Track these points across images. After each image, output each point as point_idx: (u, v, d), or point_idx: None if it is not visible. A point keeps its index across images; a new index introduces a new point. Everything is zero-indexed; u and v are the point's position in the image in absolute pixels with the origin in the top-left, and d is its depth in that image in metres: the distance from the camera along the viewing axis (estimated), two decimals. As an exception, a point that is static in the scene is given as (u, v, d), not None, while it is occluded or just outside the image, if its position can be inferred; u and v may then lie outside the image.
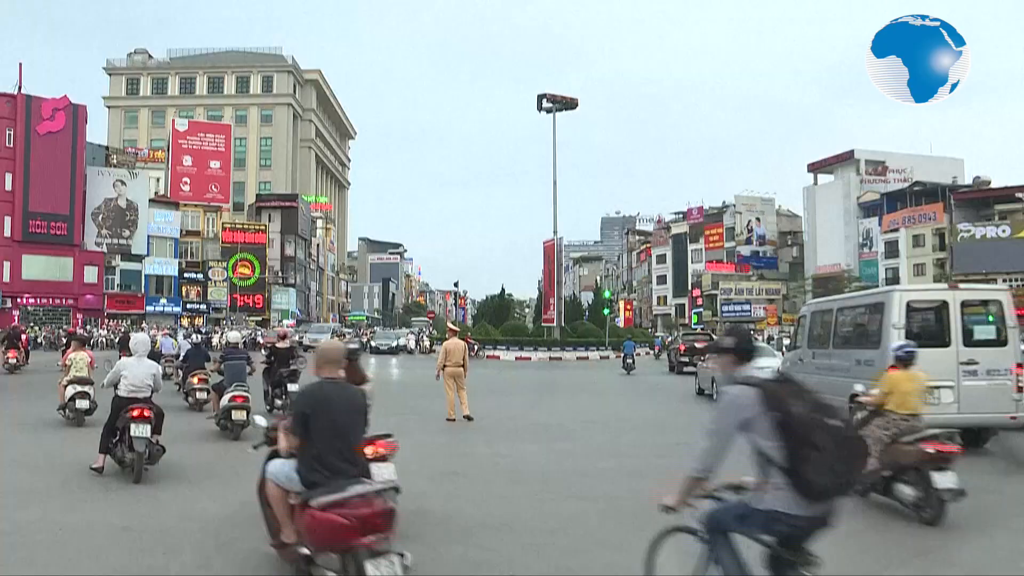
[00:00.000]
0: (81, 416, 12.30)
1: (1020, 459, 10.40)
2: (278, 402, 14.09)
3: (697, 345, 29.57)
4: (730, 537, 3.78)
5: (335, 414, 4.74)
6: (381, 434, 6.59)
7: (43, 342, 42.98)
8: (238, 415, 11.07)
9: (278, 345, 14.89)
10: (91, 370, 12.82)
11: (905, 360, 7.72)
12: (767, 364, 16.85)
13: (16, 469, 8.92)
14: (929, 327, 11.03)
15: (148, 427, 8.25)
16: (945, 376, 10.28)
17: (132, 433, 8.16)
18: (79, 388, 12.34)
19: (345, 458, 4.71)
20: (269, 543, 5.38)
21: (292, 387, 13.72)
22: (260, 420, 6.56)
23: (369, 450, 5.99)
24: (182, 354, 17.70)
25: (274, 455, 5.25)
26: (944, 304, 10.86)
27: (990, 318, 10.97)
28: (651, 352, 47.68)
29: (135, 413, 8.19)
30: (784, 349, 17.48)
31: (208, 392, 13.77)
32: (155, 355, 20.60)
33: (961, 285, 11.86)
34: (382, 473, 5.91)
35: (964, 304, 10.86)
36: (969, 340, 10.61)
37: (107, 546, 5.89)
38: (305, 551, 4.75)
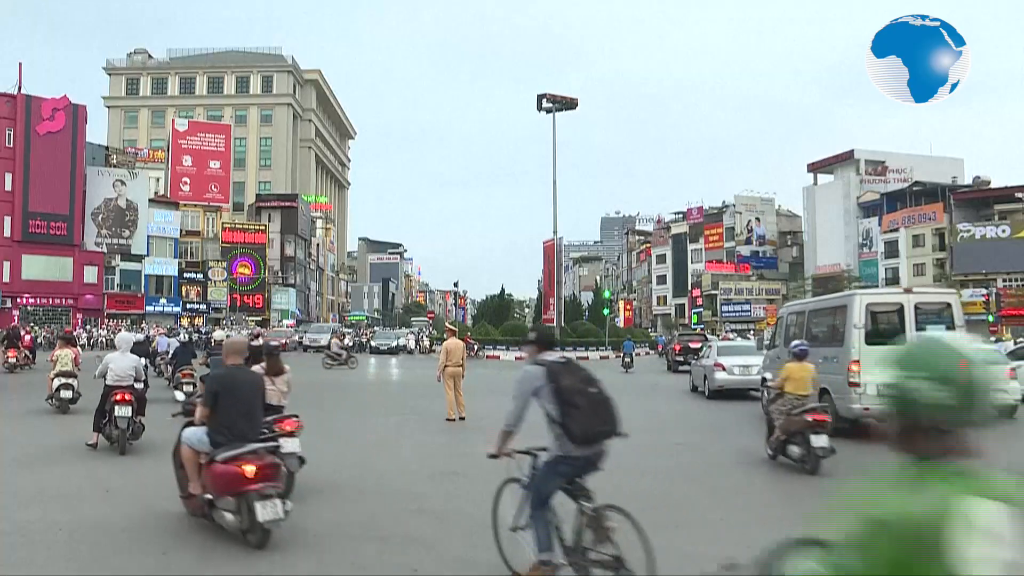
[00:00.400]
0: (66, 404, 13.85)
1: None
2: None
3: (691, 345, 31.06)
4: (549, 506, 4.99)
5: (239, 392, 6.42)
6: (290, 414, 8.05)
7: (43, 342, 42.99)
8: None
9: (251, 343, 16.28)
10: (75, 365, 14.22)
11: (799, 355, 9.87)
12: (752, 362, 18.15)
13: (16, 468, 8.94)
14: (888, 326, 12.42)
15: (130, 409, 10.11)
16: None
17: (116, 414, 9.99)
18: (63, 380, 13.92)
19: (246, 426, 6.32)
20: (179, 495, 6.62)
21: None
22: (178, 395, 8.72)
23: (279, 427, 7.67)
24: (171, 351, 19.46)
25: (189, 424, 6.69)
26: (900, 306, 12.50)
27: (942, 318, 12.44)
28: (651, 352, 47.80)
29: (118, 398, 10.04)
30: (764, 348, 18.95)
31: (194, 386, 15.10)
32: (153, 352, 21.52)
33: (915, 289, 14.26)
34: (288, 447, 7.29)
35: (918, 306, 12.48)
36: None
37: (107, 546, 5.89)
38: (208, 497, 6.14)
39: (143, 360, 11.37)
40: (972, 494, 1.53)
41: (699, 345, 28.70)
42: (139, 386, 10.57)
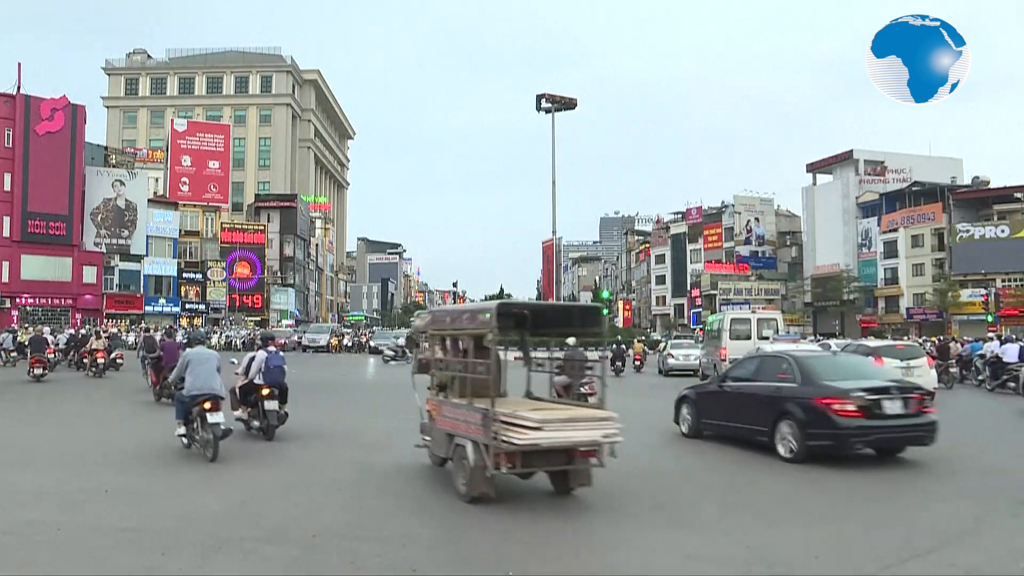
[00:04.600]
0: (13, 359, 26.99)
1: None
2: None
3: None
4: None
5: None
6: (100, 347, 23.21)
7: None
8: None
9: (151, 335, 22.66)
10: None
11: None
12: (692, 353, 29.15)
13: (16, 468, 8.94)
14: (742, 330, 24.22)
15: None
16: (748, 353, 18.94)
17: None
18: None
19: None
20: None
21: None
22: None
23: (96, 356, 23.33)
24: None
25: None
26: (749, 319, 25.29)
27: (771, 326, 24.93)
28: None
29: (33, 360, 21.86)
30: (701, 343, 30.84)
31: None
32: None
33: (757, 309, 34.74)
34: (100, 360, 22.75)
35: (759, 320, 25.15)
36: (760, 337, 23.12)
37: (107, 546, 5.88)
38: None
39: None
40: None
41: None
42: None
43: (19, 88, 54.02)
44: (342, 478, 8.70)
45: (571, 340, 13.97)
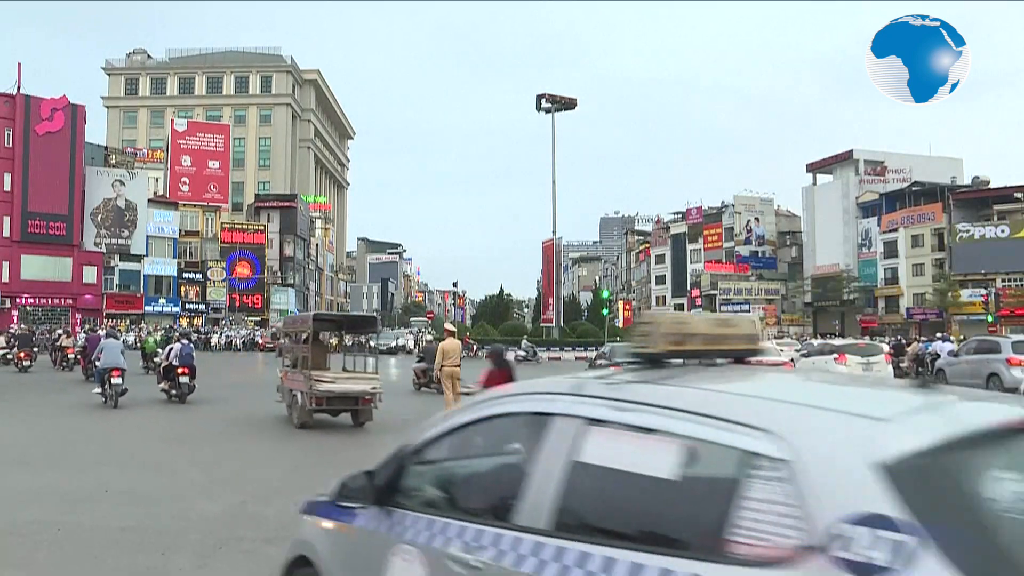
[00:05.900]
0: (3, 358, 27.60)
1: None
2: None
3: None
4: None
5: None
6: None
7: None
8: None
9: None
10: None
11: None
12: None
13: (16, 467, 8.93)
14: None
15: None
16: None
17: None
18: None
19: None
20: None
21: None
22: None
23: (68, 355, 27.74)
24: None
25: None
26: None
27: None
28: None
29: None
30: None
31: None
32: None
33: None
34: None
35: None
36: None
37: (106, 546, 5.88)
38: None
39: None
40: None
41: None
42: None
43: (19, 88, 54.08)
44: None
45: (428, 336, 30.71)
